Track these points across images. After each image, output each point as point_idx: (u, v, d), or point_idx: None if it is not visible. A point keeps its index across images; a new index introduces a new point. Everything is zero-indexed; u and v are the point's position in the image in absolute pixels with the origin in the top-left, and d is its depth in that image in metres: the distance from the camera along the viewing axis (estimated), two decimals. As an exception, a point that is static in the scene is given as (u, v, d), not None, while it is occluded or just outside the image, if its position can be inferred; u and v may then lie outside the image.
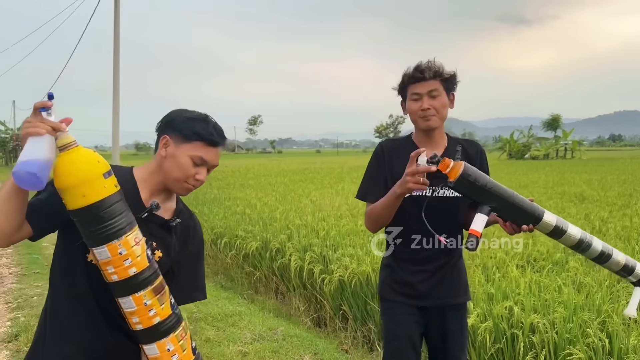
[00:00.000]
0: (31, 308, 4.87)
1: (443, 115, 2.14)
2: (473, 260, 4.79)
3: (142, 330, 1.46)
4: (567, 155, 48.72)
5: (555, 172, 20.50)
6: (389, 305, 2.27)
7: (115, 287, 1.42)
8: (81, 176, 1.34)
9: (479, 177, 1.75)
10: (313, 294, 5.25)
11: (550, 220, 1.81)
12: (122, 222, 1.39)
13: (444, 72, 2.12)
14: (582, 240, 1.84)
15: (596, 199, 10.26)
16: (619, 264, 1.90)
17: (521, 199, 1.80)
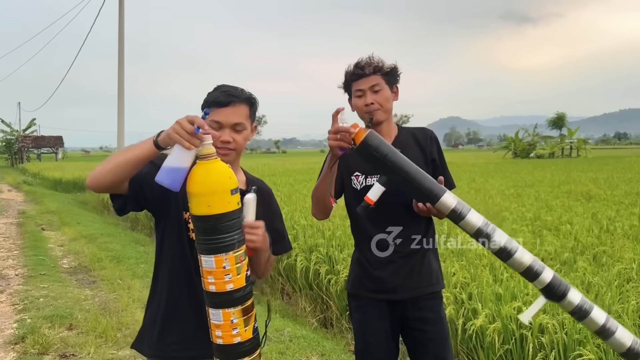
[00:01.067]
0: (37, 310, 4.87)
1: (387, 108, 2.18)
2: (480, 260, 4.76)
3: (221, 346, 1.52)
4: (573, 154, 48.53)
5: (561, 171, 20.41)
6: (359, 303, 2.25)
7: (210, 296, 1.50)
8: (212, 187, 1.45)
9: (382, 147, 1.75)
10: (319, 295, 5.23)
11: (449, 203, 1.75)
12: (234, 238, 1.49)
13: (384, 67, 2.16)
14: (482, 230, 1.72)
15: (603, 197, 10.20)
16: (521, 265, 1.72)
17: (423, 176, 1.77)
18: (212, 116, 1.69)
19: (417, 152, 2.20)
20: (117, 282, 5.87)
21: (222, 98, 1.71)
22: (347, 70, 2.19)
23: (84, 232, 9.40)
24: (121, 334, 4.28)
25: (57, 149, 56.96)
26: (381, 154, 1.75)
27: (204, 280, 1.50)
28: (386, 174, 1.80)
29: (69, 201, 15.94)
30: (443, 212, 1.81)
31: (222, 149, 1.69)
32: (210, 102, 1.71)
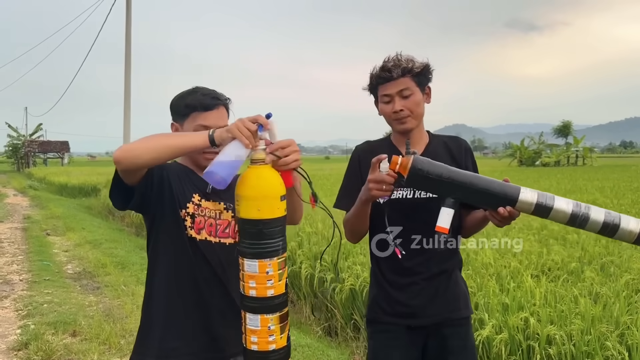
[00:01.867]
0: (42, 316, 4.85)
1: (418, 114, 1.96)
2: (487, 270, 4.72)
3: (255, 352, 1.50)
4: (579, 162, 48.33)
5: (567, 179, 20.32)
6: (377, 329, 2.02)
7: (249, 301, 1.49)
8: (264, 192, 1.46)
9: (433, 168, 1.60)
10: (324, 303, 5.20)
11: (530, 199, 1.58)
12: (279, 244, 1.49)
13: (414, 67, 1.93)
14: (576, 213, 1.56)
15: (610, 206, 10.11)
16: (631, 234, 1.56)
17: (488, 181, 1.62)
18: (199, 120, 1.67)
19: (451, 164, 1.89)
20: (121, 288, 5.86)
21: (208, 101, 1.69)
22: (373, 73, 1.98)
23: (89, 237, 9.41)
24: (125, 341, 4.26)
25: (63, 154, 57.19)
26: (436, 175, 1.59)
27: (244, 284, 1.49)
28: (448, 194, 1.63)
29: (74, 206, 15.98)
30: (527, 211, 1.61)
31: (211, 153, 1.60)
32: (196, 106, 1.68)
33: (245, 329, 1.51)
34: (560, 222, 1.62)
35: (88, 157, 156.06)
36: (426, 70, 1.96)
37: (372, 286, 2.08)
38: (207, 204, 1.71)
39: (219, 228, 1.71)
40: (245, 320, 1.51)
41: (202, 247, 1.68)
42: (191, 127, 1.68)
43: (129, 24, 18.84)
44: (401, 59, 1.94)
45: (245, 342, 1.52)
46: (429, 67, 1.97)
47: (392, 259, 1.90)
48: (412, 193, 1.93)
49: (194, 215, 1.68)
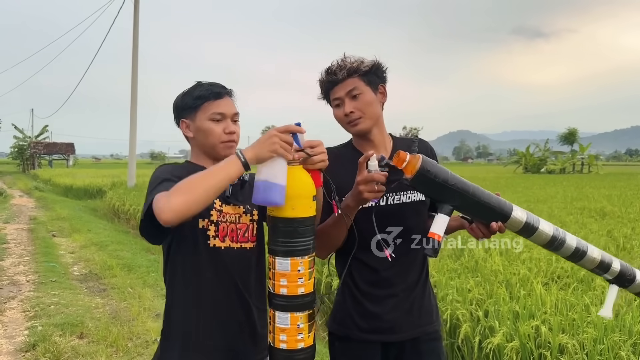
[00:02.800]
0: (49, 317, 4.85)
1: (372, 114, 1.84)
2: (496, 277, 4.69)
3: (284, 350, 1.51)
4: (584, 170, 48.16)
5: (573, 187, 20.24)
6: (350, 346, 1.86)
7: (279, 299, 1.51)
8: (298, 191, 1.49)
9: (439, 171, 1.53)
10: (330, 308, 5.16)
11: (520, 217, 1.62)
12: (310, 243, 1.52)
13: (361, 66, 1.83)
14: (555, 237, 1.64)
15: (617, 215, 10.07)
16: (594, 261, 1.70)
17: (488, 194, 1.60)
18: (212, 108, 1.66)
19: None
20: (128, 291, 5.85)
21: (218, 90, 1.69)
22: (320, 79, 1.88)
23: (95, 239, 9.41)
24: (132, 343, 4.25)
25: (69, 156, 57.37)
26: (442, 179, 1.53)
27: (274, 283, 1.51)
28: (448, 200, 1.57)
29: (79, 208, 16.00)
30: (514, 228, 1.63)
31: (229, 142, 1.68)
32: (207, 96, 1.67)
33: (274, 327, 1.52)
34: (538, 243, 1.67)
35: (93, 159, 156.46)
36: (376, 69, 1.86)
37: (343, 299, 1.90)
38: (227, 208, 1.67)
39: (239, 232, 1.67)
40: (275, 319, 1.52)
41: (225, 254, 1.64)
42: (205, 117, 1.66)
43: (137, 27, 18.93)
44: (345, 59, 1.85)
45: (274, 341, 1.53)
46: (380, 65, 1.87)
47: (371, 269, 1.81)
48: (385, 200, 1.81)
49: (218, 223, 1.63)
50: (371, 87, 1.84)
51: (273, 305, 1.53)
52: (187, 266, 1.63)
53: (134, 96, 18.76)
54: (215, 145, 1.67)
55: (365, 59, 1.86)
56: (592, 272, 1.75)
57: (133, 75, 18.78)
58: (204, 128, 1.67)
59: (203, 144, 1.69)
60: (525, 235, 1.64)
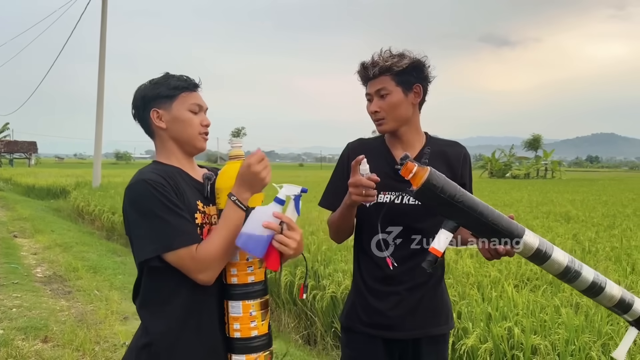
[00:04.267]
0: (10, 320, 4.67)
1: (397, 116, 1.83)
2: (468, 279, 4.73)
3: (238, 339, 1.54)
4: (548, 175, 49.38)
5: (538, 192, 20.68)
6: (353, 338, 1.93)
7: (231, 288, 1.54)
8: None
9: (447, 186, 1.48)
10: (303, 310, 5.14)
11: (532, 242, 1.52)
12: None
13: (394, 65, 1.79)
14: (570, 267, 1.53)
15: (582, 219, 10.32)
16: (612, 299, 1.57)
17: (497, 215, 1.52)
18: (190, 99, 1.61)
19: (445, 171, 1.74)
20: (94, 293, 5.69)
21: (193, 82, 1.64)
22: (357, 70, 1.89)
23: (59, 240, 9.15)
24: (99, 347, 4.12)
25: (31, 155, 55.87)
26: (449, 195, 1.48)
27: (225, 273, 1.55)
28: (453, 216, 1.53)
29: (42, 208, 15.55)
30: (524, 254, 1.55)
31: (205, 134, 1.65)
32: (185, 86, 1.61)
33: (228, 317, 1.55)
34: (551, 272, 1.58)
35: (56, 158, 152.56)
36: (412, 69, 1.82)
37: (351, 292, 1.99)
38: (209, 209, 1.61)
39: None
40: (228, 309, 1.55)
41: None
42: (184, 107, 1.60)
43: (104, 23, 18.52)
44: (381, 56, 1.82)
45: (229, 331, 1.55)
46: (419, 64, 1.84)
47: (377, 265, 1.83)
48: (400, 198, 1.83)
49: (203, 225, 1.56)
50: (402, 87, 1.81)
51: (226, 295, 1.56)
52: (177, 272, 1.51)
53: (100, 94, 18.33)
54: (194, 137, 1.62)
55: (407, 55, 1.83)
56: (610, 310, 1.63)
57: (100, 73, 18.37)
58: (183, 118, 1.60)
59: (179, 135, 1.61)
60: (536, 263, 1.57)
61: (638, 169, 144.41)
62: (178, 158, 1.63)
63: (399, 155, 1.73)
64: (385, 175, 1.83)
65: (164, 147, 1.64)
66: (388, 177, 1.84)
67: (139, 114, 1.64)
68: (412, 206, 1.82)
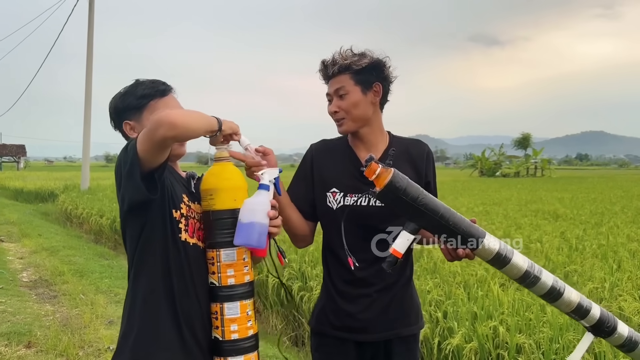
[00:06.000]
0: (-6, 326, 4.61)
1: (356, 116, 1.78)
2: (454, 278, 4.73)
3: (235, 341, 1.51)
4: (537, 174, 49.69)
5: (527, 190, 20.80)
6: (324, 342, 1.88)
7: (228, 290, 1.52)
8: (238, 183, 1.56)
9: (410, 188, 1.48)
10: (291, 312, 5.12)
11: (491, 247, 1.52)
12: None
13: (352, 64, 1.74)
14: (529, 272, 1.53)
15: (570, 217, 10.38)
16: (570, 304, 1.56)
17: (459, 218, 1.53)
18: (160, 106, 1.57)
19: (409, 171, 1.80)
20: (80, 297, 5.63)
21: (162, 87, 1.61)
22: (319, 69, 1.84)
23: (46, 244, 9.06)
24: (84, 352, 4.08)
25: (19, 158, 55.44)
26: (411, 198, 1.48)
27: (221, 275, 1.52)
28: (414, 219, 1.54)
29: (30, 212, 15.39)
30: (484, 257, 1.55)
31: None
32: (152, 94, 1.58)
33: (223, 320, 1.51)
34: (510, 276, 1.58)
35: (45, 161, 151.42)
36: (372, 68, 1.77)
37: (320, 296, 1.95)
38: (194, 206, 1.61)
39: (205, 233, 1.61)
40: (223, 311, 1.51)
41: (191, 250, 1.56)
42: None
43: (92, 26, 18.41)
44: (341, 54, 1.77)
45: (223, 334, 1.51)
46: (379, 63, 1.79)
47: (345, 268, 1.77)
48: (367, 200, 1.80)
49: (188, 217, 1.57)
50: (361, 86, 1.77)
51: (220, 299, 1.52)
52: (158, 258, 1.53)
53: (88, 96, 18.21)
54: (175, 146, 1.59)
55: (368, 54, 1.78)
56: (568, 315, 1.63)
57: (87, 74, 18.26)
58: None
59: None
60: (496, 267, 1.56)
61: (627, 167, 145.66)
62: None
63: (364, 156, 1.71)
64: (351, 176, 1.82)
65: None
66: (353, 178, 1.82)
67: (115, 125, 1.64)
68: (378, 208, 1.78)
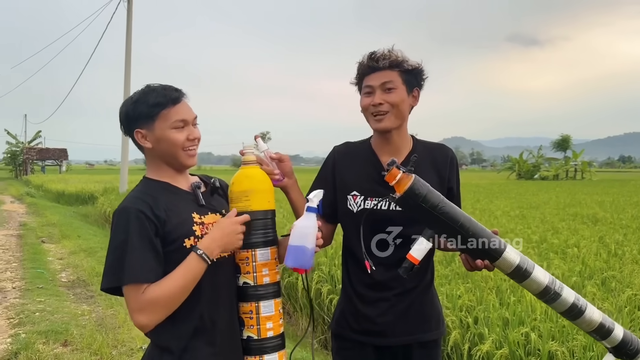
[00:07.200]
0: (33, 324, 4.76)
1: (401, 113, 1.78)
2: (487, 283, 4.65)
3: (271, 338, 1.56)
4: (577, 176, 48.40)
5: (566, 193, 20.28)
6: (344, 345, 1.89)
7: (263, 289, 1.57)
8: (270, 186, 1.64)
9: (430, 195, 1.46)
10: (320, 315, 5.12)
11: (512, 259, 1.49)
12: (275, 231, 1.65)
13: (404, 63, 1.77)
14: (549, 288, 1.50)
15: (609, 221, 10.06)
16: (592, 324, 1.52)
17: (480, 229, 1.50)
18: (173, 115, 1.54)
19: (433, 175, 1.80)
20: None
21: (174, 94, 1.57)
22: (360, 62, 1.82)
23: (84, 245, 9.31)
24: (117, 351, 4.17)
25: (62, 162, 57.09)
26: (430, 205, 1.46)
27: (256, 275, 1.56)
28: (432, 226, 1.53)
29: (70, 214, 15.86)
30: (504, 270, 1.52)
31: (191, 148, 1.59)
32: (164, 102, 1.54)
33: (259, 319, 1.55)
34: (530, 291, 1.56)
35: (86, 165, 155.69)
36: (417, 72, 1.81)
37: (340, 299, 1.96)
38: (207, 218, 1.59)
39: None
40: (259, 310, 1.55)
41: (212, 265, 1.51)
42: (166, 126, 1.54)
43: (130, 32, 18.86)
44: (392, 51, 1.79)
45: (259, 332, 1.55)
46: (422, 70, 1.83)
47: (364, 272, 1.77)
48: (387, 204, 1.79)
49: (203, 237, 1.54)
50: (407, 86, 1.79)
51: (256, 297, 1.56)
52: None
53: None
54: (178, 154, 1.58)
55: (410, 59, 1.81)
56: (590, 335, 1.59)
57: (126, 80, 18.70)
58: (166, 138, 1.55)
59: (164, 154, 1.58)
60: (516, 280, 1.54)
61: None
62: (168, 174, 1.62)
63: (386, 160, 1.73)
64: (372, 180, 1.83)
65: (154, 164, 1.63)
66: (374, 182, 1.82)
67: (126, 132, 1.62)
68: (398, 212, 1.77)
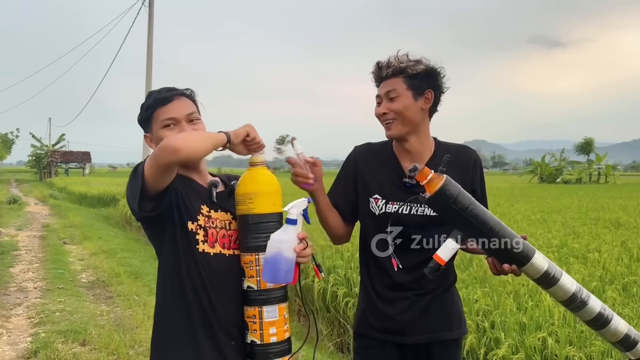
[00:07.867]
0: (53, 324, 4.84)
1: (406, 120, 1.78)
2: (504, 287, 4.59)
3: (275, 344, 1.53)
4: (601, 180, 47.58)
5: (589, 197, 19.94)
6: (365, 344, 1.90)
7: (267, 293, 1.54)
8: (276, 188, 1.60)
9: (461, 197, 1.45)
10: (336, 318, 5.11)
11: (540, 265, 1.47)
12: None
13: (407, 68, 1.76)
14: (576, 296, 1.48)
15: (633, 225, 9.87)
16: (617, 334, 1.50)
17: (509, 233, 1.49)
18: (161, 115, 1.60)
19: (455, 178, 1.69)
20: (134, 299, 5.83)
21: (165, 95, 1.63)
22: (372, 71, 1.87)
23: (105, 246, 9.45)
24: (134, 351, 4.21)
25: (85, 164, 58.05)
26: (461, 207, 1.45)
27: (259, 279, 1.53)
28: (461, 228, 1.51)
29: (92, 216, 16.12)
30: (531, 276, 1.51)
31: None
32: (154, 105, 1.61)
33: (262, 324, 1.53)
34: (556, 298, 1.54)
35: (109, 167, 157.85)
36: (425, 74, 1.79)
37: (360, 299, 1.96)
38: (216, 214, 1.63)
39: (232, 239, 1.63)
40: (262, 314, 1.53)
41: (215, 261, 1.58)
42: (158, 126, 1.61)
43: (151, 37, 19.09)
44: (397, 58, 1.79)
45: (261, 337, 1.53)
46: (433, 70, 1.80)
47: (386, 273, 1.81)
48: (408, 208, 1.80)
49: (207, 228, 1.59)
50: (413, 91, 1.78)
51: (259, 302, 1.54)
52: (178, 270, 1.57)
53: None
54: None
55: (424, 61, 1.80)
56: (613, 345, 1.57)
57: (147, 84, 18.93)
58: (159, 138, 1.59)
59: None
60: (542, 286, 1.53)
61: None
62: (183, 170, 1.64)
63: (407, 165, 1.73)
64: (393, 184, 1.84)
65: None
66: (395, 186, 1.84)
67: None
68: (419, 216, 1.79)
